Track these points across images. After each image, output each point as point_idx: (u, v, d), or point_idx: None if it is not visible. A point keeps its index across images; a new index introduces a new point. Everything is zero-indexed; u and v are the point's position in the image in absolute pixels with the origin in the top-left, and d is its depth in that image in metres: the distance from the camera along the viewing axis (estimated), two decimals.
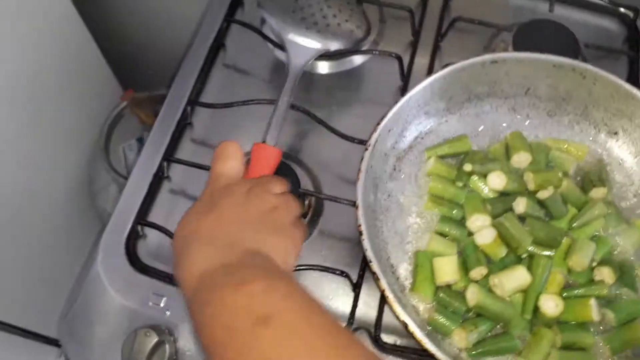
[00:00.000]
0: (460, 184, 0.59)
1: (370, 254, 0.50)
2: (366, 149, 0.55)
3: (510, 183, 0.57)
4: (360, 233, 0.51)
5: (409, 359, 0.57)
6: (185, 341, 0.59)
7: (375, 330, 0.58)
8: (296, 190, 0.63)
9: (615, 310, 0.53)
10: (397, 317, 0.48)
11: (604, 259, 0.54)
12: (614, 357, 0.51)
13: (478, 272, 0.53)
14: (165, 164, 0.67)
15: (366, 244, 0.51)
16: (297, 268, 0.59)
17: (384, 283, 0.49)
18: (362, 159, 0.55)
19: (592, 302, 0.51)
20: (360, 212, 0.52)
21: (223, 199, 0.45)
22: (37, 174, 0.95)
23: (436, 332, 0.53)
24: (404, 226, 0.59)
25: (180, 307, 0.60)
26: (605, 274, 0.53)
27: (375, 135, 0.56)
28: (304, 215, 0.65)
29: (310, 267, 0.59)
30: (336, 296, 0.61)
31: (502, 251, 0.54)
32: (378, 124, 0.57)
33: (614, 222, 0.56)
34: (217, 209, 0.44)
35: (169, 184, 0.69)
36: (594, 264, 0.54)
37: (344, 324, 0.58)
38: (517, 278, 0.52)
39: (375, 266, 0.50)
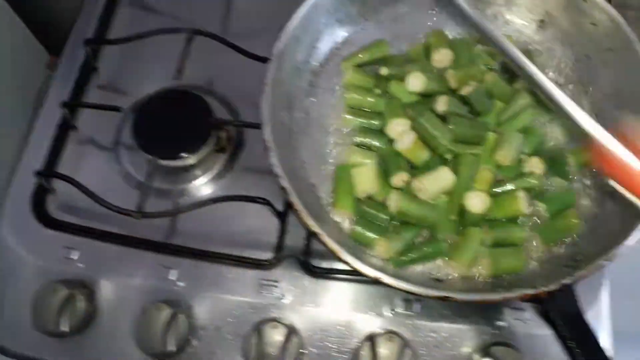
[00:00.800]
0: (378, 91, 0.57)
1: (278, 170, 0.48)
2: (270, 61, 0.53)
3: (430, 83, 0.55)
4: (268, 149, 0.49)
5: (341, 280, 0.56)
6: (106, 294, 0.57)
7: (304, 256, 0.57)
8: (206, 121, 0.61)
9: (546, 201, 0.52)
10: (309, 229, 0.46)
11: (535, 150, 0.53)
12: (547, 249, 0.50)
13: (399, 179, 0.52)
14: (67, 111, 0.64)
15: (274, 159, 0.49)
16: (215, 200, 0.57)
17: (293, 196, 0.47)
18: (266, 72, 0.52)
19: (520, 194, 0.50)
20: (266, 128, 0.50)
21: None
22: None
23: (360, 245, 0.51)
24: (324, 144, 0.57)
25: (96, 259, 0.59)
26: (534, 164, 0.52)
27: (279, 46, 0.54)
28: (222, 150, 0.63)
29: (230, 197, 0.57)
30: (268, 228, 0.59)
31: (423, 154, 0.52)
32: (281, 33, 0.54)
33: (542, 111, 0.54)
34: None
35: (76, 135, 0.66)
36: (524, 156, 0.53)
37: (271, 254, 0.57)
38: (440, 179, 0.50)
39: (284, 181, 0.48)
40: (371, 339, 0.52)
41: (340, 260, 0.46)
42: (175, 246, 0.59)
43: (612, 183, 0.49)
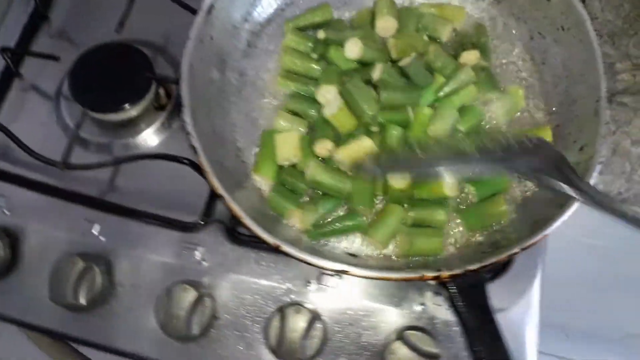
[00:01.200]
0: (315, 55, 0.54)
1: (190, 127, 0.46)
2: (196, 14, 0.50)
3: (367, 51, 0.52)
4: (182, 105, 0.47)
5: (263, 250, 0.54)
6: (28, 243, 0.57)
7: (231, 222, 0.55)
8: (144, 76, 0.59)
9: (476, 184, 0.49)
10: (214, 191, 0.44)
11: (472, 130, 0.50)
12: (470, 234, 0.48)
13: (323, 147, 0.49)
14: (7, 57, 0.63)
15: (187, 117, 0.46)
16: (138, 157, 0.55)
17: (202, 156, 0.45)
18: (192, 26, 0.50)
19: (447, 176, 0.47)
20: (184, 83, 0.48)
21: None
22: None
23: (278, 214, 0.49)
24: (257, 107, 0.54)
25: (22, 208, 0.58)
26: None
27: (208, 1, 0.51)
28: (161, 107, 0.61)
29: (154, 155, 0.56)
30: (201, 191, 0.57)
31: (350, 122, 0.49)
32: None
33: (486, 89, 0.51)
34: None
35: (21, 82, 0.65)
36: (459, 135, 0.50)
37: (194, 217, 0.55)
38: (360, 150, 0.48)
39: (194, 140, 0.46)
40: (281, 310, 0.51)
41: (243, 225, 0.44)
42: (100, 200, 0.57)
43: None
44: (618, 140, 0.57)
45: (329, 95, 0.50)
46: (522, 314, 0.53)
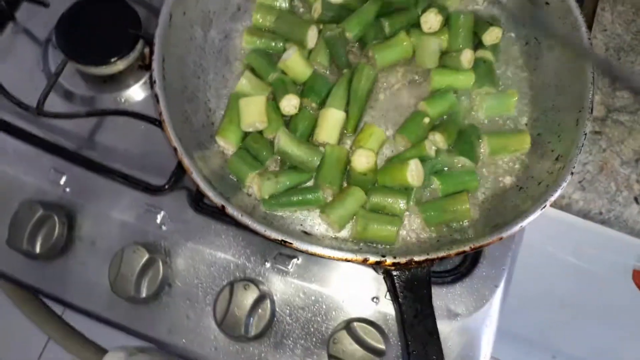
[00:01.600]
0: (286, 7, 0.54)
1: (156, 74, 0.46)
2: None
3: None
4: (153, 52, 0.47)
5: (225, 223, 0.54)
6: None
7: (198, 191, 0.55)
8: (133, 33, 0.59)
9: (442, 178, 0.48)
10: (169, 142, 0.44)
11: (442, 123, 0.49)
12: (428, 229, 0.47)
13: (289, 103, 0.49)
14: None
15: (155, 63, 0.46)
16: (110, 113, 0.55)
17: (163, 105, 0.45)
18: None
19: (412, 164, 0.46)
20: (160, 30, 0.48)
21: None
22: None
23: (237, 179, 0.49)
24: (235, 70, 0.54)
25: None
26: (438, 139, 0.48)
27: None
28: (147, 67, 0.61)
29: (126, 113, 0.56)
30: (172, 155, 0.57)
31: (303, 70, 0.50)
32: None
33: (483, 82, 0.50)
34: None
35: (14, 26, 0.66)
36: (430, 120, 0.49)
37: (163, 181, 0.55)
38: (334, 123, 0.47)
39: (157, 87, 0.45)
40: (232, 284, 0.50)
41: (191, 179, 0.44)
42: (72, 153, 0.58)
43: None
44: (607, 158, 0.55)
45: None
46: (480, 322, 0.52)
